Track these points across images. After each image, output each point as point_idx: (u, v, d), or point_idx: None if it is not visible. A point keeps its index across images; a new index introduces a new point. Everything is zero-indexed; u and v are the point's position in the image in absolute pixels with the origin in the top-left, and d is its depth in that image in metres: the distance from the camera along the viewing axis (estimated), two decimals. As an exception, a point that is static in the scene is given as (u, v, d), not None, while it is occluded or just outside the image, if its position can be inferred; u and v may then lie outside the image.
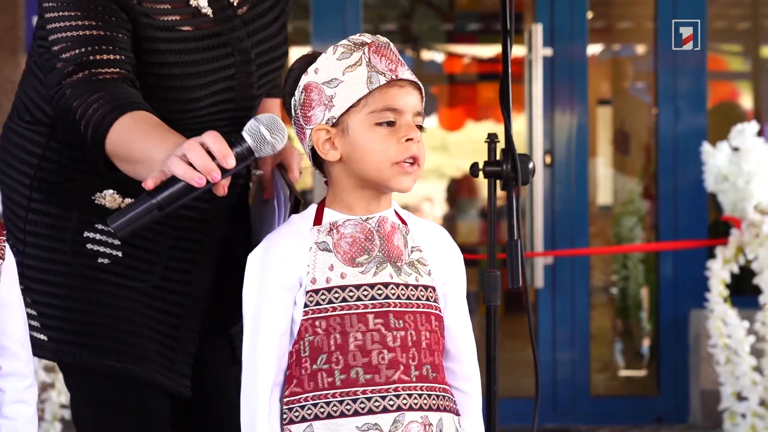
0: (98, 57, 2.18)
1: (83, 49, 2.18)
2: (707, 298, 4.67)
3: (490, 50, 9.03)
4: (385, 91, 1.99)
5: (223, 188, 1.99)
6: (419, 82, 2.05)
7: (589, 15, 6.07)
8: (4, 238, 2.09)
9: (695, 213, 5.70)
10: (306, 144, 2.07)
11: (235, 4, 2.35)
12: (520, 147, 5.84)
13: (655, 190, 5.94)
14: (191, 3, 2.29)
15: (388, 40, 2.06)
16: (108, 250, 2.34)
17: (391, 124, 2.00)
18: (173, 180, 1.95)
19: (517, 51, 6.11)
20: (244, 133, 1.99)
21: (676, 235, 5.68)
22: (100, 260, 2.33)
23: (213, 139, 1.95)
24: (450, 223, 9.29)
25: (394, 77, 1.99)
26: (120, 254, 2.33)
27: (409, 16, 8.88)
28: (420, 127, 2.03)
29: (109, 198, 2.33)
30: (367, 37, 2.03)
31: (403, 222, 2.07)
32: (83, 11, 2.20)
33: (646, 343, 6.87)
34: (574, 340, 5.72)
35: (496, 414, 2.45)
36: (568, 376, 5.72)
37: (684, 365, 5.68)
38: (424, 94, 2.07)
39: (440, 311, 2.05)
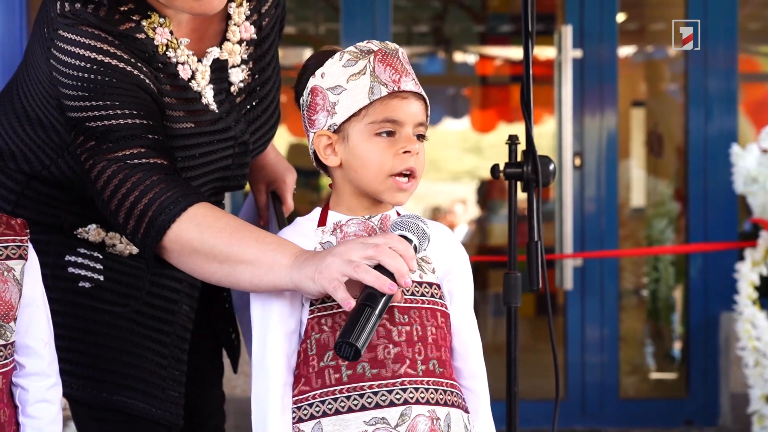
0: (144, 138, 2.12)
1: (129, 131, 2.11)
2: (736, 300, 4.65)
3: (522, 52, 9.00)
4: (386, 103, 2.00)
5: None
6: (423, 93, 2.05)
7: (622, 17, 6.05)
8: (27, 238, 2.08)
9: (725, 215, 5.68)
10: (309, 146, 2.09)
11: (234, 93, 2.33)
12: (550, 149, 5.85)
13: (685, 192, 5.92)
14: (202, 101, 2.26)
15: (397, 47, 2.06)
16: (89, 274, 2.29)
17: (390, 134, 2.00)
18: (367, 287, 1.90)
19: (548, 52, 6.12)
20: (408, 234, 1.96)
21: (706, 237, 5.66)
22: (81, 284, 2.29)
23: (398, 241, 1.92)
24: (482, 225, 9.28)
25: (396, 89, 2.00)
26: (102, 278, 2.29)
27: (442, 18, 8.86)
28: (422, 137, 2.04)
29: (93, 232, 2.31)
30: (374, 45, 2.03)
31: None
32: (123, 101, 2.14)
33: (677, 346, 6.84)
34: (604, 343, 5.71)
35: (517, 416, 2.45)
36: (598, 379, 5.71)
37: (714, 368, 5.66)
38: (428, 104, 2.07)
39: (446, 308, 2.06)
